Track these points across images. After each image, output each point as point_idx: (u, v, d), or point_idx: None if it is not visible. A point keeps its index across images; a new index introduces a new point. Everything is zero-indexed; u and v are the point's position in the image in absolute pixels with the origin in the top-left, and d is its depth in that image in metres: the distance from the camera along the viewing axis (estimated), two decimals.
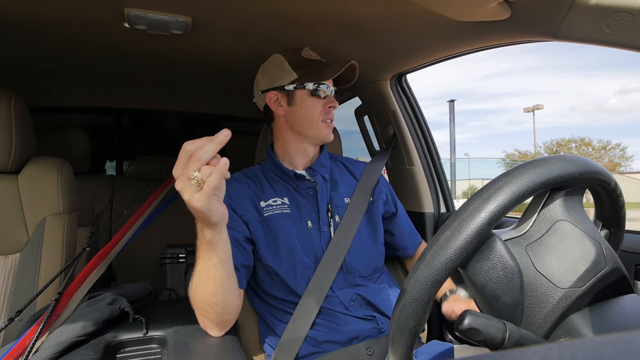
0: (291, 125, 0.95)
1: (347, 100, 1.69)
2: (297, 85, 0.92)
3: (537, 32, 0.79)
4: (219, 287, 0.70)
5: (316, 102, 0.93)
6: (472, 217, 0.43)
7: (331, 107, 0.94)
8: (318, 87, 0.91)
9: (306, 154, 0.97)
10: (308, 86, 0.91)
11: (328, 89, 0.93)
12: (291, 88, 0.92)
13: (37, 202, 0.97)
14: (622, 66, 60.61)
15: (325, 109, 0.93)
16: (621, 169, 20.45)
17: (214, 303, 0.72)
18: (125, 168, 2.39)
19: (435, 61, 1.14)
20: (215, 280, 0.69)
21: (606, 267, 0.45)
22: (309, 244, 0.89)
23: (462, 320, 0.42)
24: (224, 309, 0.74)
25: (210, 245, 0.65)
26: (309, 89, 0.92)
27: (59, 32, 1.07)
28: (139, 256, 1.81)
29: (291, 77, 0.92)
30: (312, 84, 0.91)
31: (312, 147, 0.98)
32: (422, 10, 0.85)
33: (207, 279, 0.70)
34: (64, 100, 1.84)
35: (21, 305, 0.78)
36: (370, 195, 0.99)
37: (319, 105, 0.93)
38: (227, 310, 0.75)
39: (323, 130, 0.94)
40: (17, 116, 0.94)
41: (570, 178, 0.44)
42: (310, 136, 0.95)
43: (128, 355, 0.76)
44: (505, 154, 25.57)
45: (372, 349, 0.84)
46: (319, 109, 0.93)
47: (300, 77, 0.92)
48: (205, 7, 0.93)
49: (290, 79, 0.92)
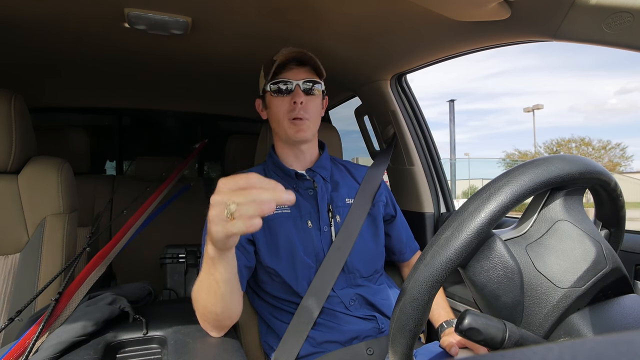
0: (272, 128, 0.97)
1: (347, 100, 1.69)
2: (265, 88, 0.92)
3: (537, 32, 0.79)
4: (219, 300, 0.70)
5: (280, 101, 0.90)
6: (472, 217, 0.43)
7: (296, 103, 0.88)
8: (277, 84, 0.89)
9: (300, 156, 0.96)
10: (267, 86, 0.91)
11: (291, 84, 0.89)
12: (262, 93, 0.94)
13: (37, 202, 0.97)
14: (622, 66, 60.69)
15: (291, 106, 0.89)
16: (621, 169, 20.47)
17: (214, 312, 0.72)
18: (125, 168, 2.39)
19: (435, 61, 1.14)
20: (217, 295, 0.69)
21: (606, 267, 0.45)
22: (309, 244, 0.89)
23: (462, 320, 0.42)
24: (224, 316, 0.74)
25: (213, 262, 0.63)
26: (269, 89, 0.91)
27: (59, 32, 1.07)
28: (139, 256, 1.81)
29: (263, 82, 0.93)
30: (270, 83, 0.90)
31: (302, 148, 0.95)
32: (422, 10, 0.85)
33: (209, 291, 0.69)
34: (64, 100, 1.85)
35: (21, 305, 0.78)
36: (372, 197, 0.99)
37: (284, 103, 0.90)
38: (227, 317, 0.75)
39: (290, 129, 0.90)
40: (17, 116, 0.94)
41: (571, 178, 0.44)
42: (282, 137, 0.94)
43: (128, 355, 0.76)
44: (505, 154, 25.62)
45: (372, 348, 0.84)
46: (284, 107, 0.89)
47: (267, 79, 0.91)
48: (205, 7, 0.93)
49: (263, 84, 0.93)
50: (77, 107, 1.98)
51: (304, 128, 0.90)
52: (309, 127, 0.91)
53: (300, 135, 0.90)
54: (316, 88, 0.92)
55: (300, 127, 0.89)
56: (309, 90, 0.91)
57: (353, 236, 0.91)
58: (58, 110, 2.00)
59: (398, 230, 1.06)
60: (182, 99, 1.91)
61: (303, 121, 0.89)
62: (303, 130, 0.90)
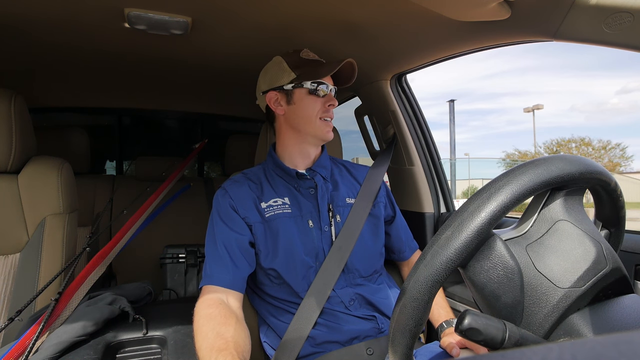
0: (291, 124, 0.95)
1: (347, 100, 1.69)
2: (296, 84, 0.92)
3: (537, 32, 0.79)
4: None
5: (315, 101, 0.93)
6: (473, 216, 0.42)
7: (330, 106, 0.94)
8: (317, 86, 0.92)
9: (306, 155, 0.97)
10: (306, 85, 0.91)
11: (327, 88, 0.93)
12: (290, 87, 0.92)
13: (37, 202, 0.97)
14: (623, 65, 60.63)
15: (324, 107, 0.93)
16: (621, 169, 20.46)
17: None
18: (125, 168, 2.39)
19: (435, 61, 1.14)
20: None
21: (606, 267, 0.45)
22: (310, 243, 0.89)
23: (462, 320, 0.42)
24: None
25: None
26: (307, 87, 0.92)
27: (59, 32, 1.07)
28: (139, 256, 1.81)
29: (290, 76, 0.93)
30: (310, 82, 0.91)
31: (313, 148, 0.97)
32: (422, 10, 0.85)
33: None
34: (64, 100, 1.85)
35: (21, 305, 0.78)
36: (373, 198, 0.99)
37: (318, 103, 0.93)
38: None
39: (322, 129, 0.93)
40: (17, 116, 0.94)
41: (571, 178, 0.44)
42: (309, 134, 0.95)
43: (128, 355, 0.76)
44: (505, 154, 25.60)
45: (372, 348, 0.84)
46: (318, 107, 0.93)
47: (299, 76, 0.92)
48: (206, 8, 0.93)
49: (289, 79, 0.92)
50: (77, 107, 1.98)
51: (331, 129, 0.95)
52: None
53: (330, 135, 0.95)
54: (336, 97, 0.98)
55: (330, 128, 0.95)
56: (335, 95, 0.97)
57: (354, 236, 0.91)
58: (58, 110, 2.00)
59: (397, 229, 1.06)
60: (182, 99, 1.91)
61: (330, 122, 0.95)
62: (330, 131, 0.95)
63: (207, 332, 0.70)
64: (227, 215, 0.88)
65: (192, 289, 1.75)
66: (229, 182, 0.95)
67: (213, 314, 0.74)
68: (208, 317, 0.73)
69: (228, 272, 0.82)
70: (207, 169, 2.78)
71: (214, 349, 0.66)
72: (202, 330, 0.70)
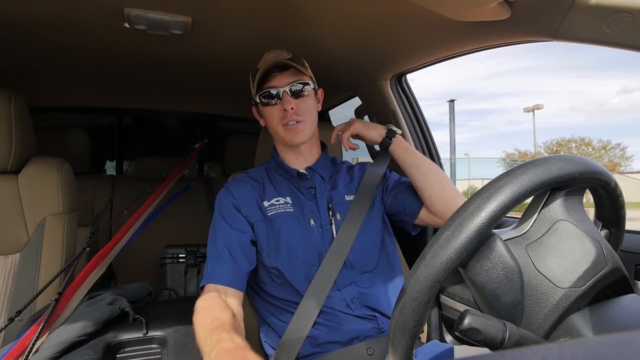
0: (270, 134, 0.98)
1: (347, 100, 1.69)
2: (255, 97, 0.93)
3: (537, 32, 0.79)
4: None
5: (271, 110, 0.90)
6: (473, 216, 0.42)
7: (287, 111, 0.88)
8: (265, 95, 0.90)
9: (299, 156, 0.97)
10: (256, 97, 0.92)
11: (275, 91, 0.89)
12: (257, 101, 0.93)
13: (37, 202, 0.97)
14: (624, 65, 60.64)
15: (282, 114, 0.89)
16: (621, 169, 20.46)
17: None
18: (125, 168, 2.39)
19: (435, 61, 1.14)
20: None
21: (606, 267, 0.45)
22: (311, 242, 0.89)
23: (462, 320, 0.42)
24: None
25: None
26: (258, 100, 0.92)
27: (59, 32, 1.07)
28: (139, 256, 1.81)
29: (254, 91, 0.93)
30: (258, 95, 0.91)
31: (300, 150, 0.96)
32: (422, 10, 0.85)
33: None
34: (64, 100, 1.85)
35: (21, 305, 0.78)
36: (372, 194, 0.99)
37: (274, 111, 0.90)
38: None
39: (286, 136, 0.90)
40: (17, 116, 0.94)
41: (571, 178, 0.44)
42: (280, 143, 0.96)
43: (128, 355, 0.76)
44: (505, 154, 25.58)
45: (372, 348, 0.84)
46: (276, 115, 0.90)
47: (255, 90, 0.92)
48: (205, 7, 0.93)
49: (255, 93, 0.93)
50: (77, 107, 1.98)
51: (299, 131, 0.90)
52: (305, 129, 0.91)
53: (297, 139, 0.90)
54: (305, 89, 0.91)
55: (295, 132, 0.90)
56: (299, 93, 0.90)
57: (353, 232, 0.91)
58: (58, 110, 2.00)
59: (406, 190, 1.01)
60: (182, 99, 1.91)
61: (297, 125, 0.90)
62: (298, 133, 0.90)
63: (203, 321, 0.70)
64: (229, 214, 0.89)
65: (192, 289, 1.75)
66: (232, 182, 0.95)
67: (210, 305, 0.74)
68: (205, 308, 0.73)
69: (228, 271, 0.82)
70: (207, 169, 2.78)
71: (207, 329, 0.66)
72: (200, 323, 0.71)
